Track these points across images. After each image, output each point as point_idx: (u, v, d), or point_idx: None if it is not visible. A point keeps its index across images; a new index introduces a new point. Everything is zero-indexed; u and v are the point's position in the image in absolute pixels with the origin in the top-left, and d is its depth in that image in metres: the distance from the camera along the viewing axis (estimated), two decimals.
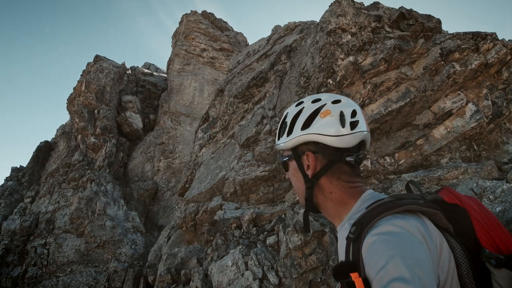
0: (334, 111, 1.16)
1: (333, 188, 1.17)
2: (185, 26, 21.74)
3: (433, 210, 0.98)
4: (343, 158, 1.15)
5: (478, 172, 4.24)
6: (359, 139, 1.15)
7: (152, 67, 25.70)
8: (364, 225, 0.95)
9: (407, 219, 0.91)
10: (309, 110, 1.19)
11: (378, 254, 0.84)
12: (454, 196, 1.07)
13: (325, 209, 1.23)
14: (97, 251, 12.01)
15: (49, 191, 14.40)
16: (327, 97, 1.21)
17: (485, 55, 4.94)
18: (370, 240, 0.89)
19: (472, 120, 4.82)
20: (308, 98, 1.26)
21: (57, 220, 12.92)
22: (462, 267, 0.93)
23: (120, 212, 13.61)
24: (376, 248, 0.86)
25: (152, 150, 17.72)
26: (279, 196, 6.53)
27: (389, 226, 0.90)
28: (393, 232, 0.87)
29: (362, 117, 1.18)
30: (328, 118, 1.15)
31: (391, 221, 0.91)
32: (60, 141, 17.65)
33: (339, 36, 5.99)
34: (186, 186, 10.37)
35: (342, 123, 1.14)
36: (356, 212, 1.11)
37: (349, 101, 1.22)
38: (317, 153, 1.18)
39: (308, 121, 1.18)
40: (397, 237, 0.86)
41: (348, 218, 1.14)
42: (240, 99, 9.26)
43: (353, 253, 0.96)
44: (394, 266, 0.79)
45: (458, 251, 0.95)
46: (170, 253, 8.15)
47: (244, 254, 5.09)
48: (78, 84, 17.80)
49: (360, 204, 1.13)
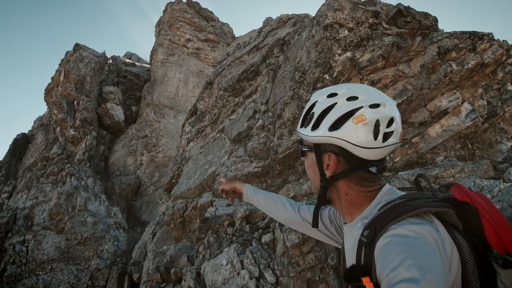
0: (370, 118, 1.07)
1: (350, 191, 1.16)
2: (170, 15, 21.42)
3: (445, 209, 1.00)
4: (367, 167, 1.13)
5: (474, 171, 4.39)
6: (388, 151, 1.11)
7: (134, 57, 25.27)
8: (378, 230, 0.97)
9: (422, 225, 0.93)
10: (343, 109, 1.11)
11: (391, 256, 0.86)
12: (465, 194, 1.08)
13: (337, 205, 1.23)
14: (78, 248, 11.83)
15: (27, 186, 14.05)
16: (365, 98, 1.11)
17: (481, 55, 5.08)
18: (384, 242, 0.91)
19: (467, 119, 4.96)
20: (343, 91, 1.15)
21: (36, 216, 12.63)
22: (468, 265, 0.96)
23: (102, 207, 13.42)
24: (389, 250, 0.88)
25: (135, 143, 17.49)
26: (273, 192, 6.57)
27: (404, 230, 0.91)
28: (407, 236, 0.89)
29: (399, 126, 1.12)
30: (361, 126, 1.07)
31: (406, 226, 0.92)
32: (37, 134, 17.20)
33: (336, 31, 6.03)
34: (173, 181, 10.30)
35: (375, 134, 1.07)
36: (370, 213, 1.11)
37: (389, 105, 1.12)
38: (340, 157, 1.14)
39: (339, 122, 1.10)
40: (411, 241, 0.87)
41: (361, 217, 1.15)
42: (230, 93, 9.23)
43: (365, 257, 0.99)
44: (405, 268, 0.81)
45: (465, 248, 0.98)
46: (157, 251, 8.10)
47: (239, 252, 5.12)
48: (56, 74, 17.35)
49: (375, 205, 1.13)
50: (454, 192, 1.10)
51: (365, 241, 1.00)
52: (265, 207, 1.78)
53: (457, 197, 1.08)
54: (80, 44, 18.43)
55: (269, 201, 1.76)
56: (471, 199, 1.06)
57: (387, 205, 1.04)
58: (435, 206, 0.99)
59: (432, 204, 1.00)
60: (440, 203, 1.01)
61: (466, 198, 1.07)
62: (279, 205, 1.69)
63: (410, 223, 0.93)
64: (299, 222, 1.60)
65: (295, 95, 6.61)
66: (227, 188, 1.97)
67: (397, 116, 1.12)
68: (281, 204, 1.69)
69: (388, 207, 1.02)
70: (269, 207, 1.75)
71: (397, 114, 1.13)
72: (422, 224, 0.93)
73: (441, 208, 0.99)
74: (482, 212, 1.02)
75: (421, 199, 1.02)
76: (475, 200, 1.06)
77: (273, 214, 1.74)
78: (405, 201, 1.02)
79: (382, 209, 1.04)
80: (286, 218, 1.67)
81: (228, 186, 1.97)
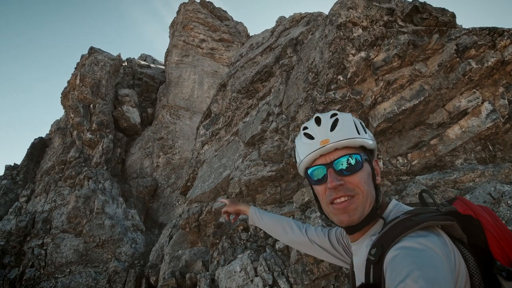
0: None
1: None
2: (183, 15, 21.61)
3: (449, 222, 1.00)
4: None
5: (495, 175, 4.27)
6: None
7: (149, 58, 25.61)
8: (385, 247, 0.97)
9: (430, 237, 0.94)
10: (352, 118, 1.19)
11: (399, 268, 0.86)
12: (468, 207, 1.08)
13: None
14: (96, 251, 12.12)
15: (45, 190, 14.48)
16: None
17: (501, 52, 4.92)
18: (392, 255, 0.92)
19: (488, 119, 4.83)
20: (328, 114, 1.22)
21: (54, 219, 13.02)
22: (475, 278, 0.95)
23: (119, 210, 13.71)
24: (397, 262, 0.88)
25: (151, 145, 17.76)
26: (287, 197, 6.56)
27: (412, 242, 0.92)
28: (415, 248, 0.90)
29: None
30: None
31: (414, 239, 0.93)
32: (55, 138, 17.69)
33: (350, 30, 5.96)
34: (188, 184, 10.42)
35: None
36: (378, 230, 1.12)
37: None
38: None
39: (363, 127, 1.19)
40: (419, 253, 0.88)
41: (369, 234, 1.15)
42: (244, 94, 9.26)
43: (374, 275, 0.99)
44: (413, 280, 0.81)
45: (471, 262, 0.97)
46: (173, 255, 8.23)
47: (253, 259, 5.14)
48: (72, 77, 17.79)
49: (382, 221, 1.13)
50: (457, 206, 1.10)
51: (373, 260, 1.00)
52: (272, 230, 1.78)
53: (460, 210, 1.08)
54: (95, 48, 18.83)
55: (276, 224, 1.76)
56: (474, 212, 1.06)
57: (393, 222, 1.04)
58: (439, 219, 1.00)
59: (437, 218, 1.00)
60: (444, 217, 1.02)
61: (469, 211, 1.07)
62: (286, 227, 1.70)
63: (418, 236, 0.94)
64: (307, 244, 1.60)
65: (308, 97, 6.57)
66: (231, 210, 1.94)
67: None
68: (289, 226, 1.69)
69: (393, 223, 1.03)
70: (276, 230, 1.75)
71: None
72: (430, 237, 0.94)
73: (445, 221, 1.00)
74: (486, 224, 1.02)
75: (425, 214, 1.03)
76: (478, 213, 1.06)
77: (280, 236, 1.74)
78: (409, 216, 1.03)
79: (387, 226, 1.04)
80: (293, 241, 1.67)
81: (232, 209, 1.94)
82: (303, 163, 1.21)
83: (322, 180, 1.16)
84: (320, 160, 1.16)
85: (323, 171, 1.15)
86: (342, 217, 1.11)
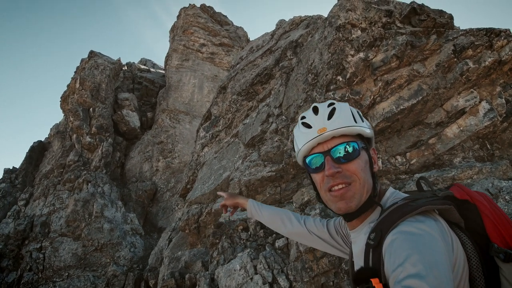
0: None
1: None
2: (183, 20, 21.81)
3: (447, 206, 1.04)
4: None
5: (492, 172, 4.34)
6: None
7: (149, 63, 25.78)
8: (384, 231, 1.00)
9: (427, 222, 0.97)
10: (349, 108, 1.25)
11: (397, 252, 0.89)
12: (465, 192, 1.12)
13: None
14: (95, 255, 12.12)
15: (44, 193, 14.51)
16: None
17: (498, 52, 5.02)
18: (391, 239, 0.95)
19: (485, 118, 4.91)
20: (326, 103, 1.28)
21: (53, 223, 13.04)
22: (472, 262, 0.99)
23: (118, 214, 13.73)
24: (396, 246, 0.91)
25: (151, 149, 17.83)
26: (287, 197, 6.62)
27: (410, 227, 0.95)
28: (413, 233, 0.93)
29: None
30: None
31: (412, 224, 0.96)
32: (54, 141, 17.76)
33: (349, 32, 6.07)
34: (188, 187, 10.48)
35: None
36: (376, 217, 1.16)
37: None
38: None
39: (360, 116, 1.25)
40: (417, 237, 0.91)
41: (368, 221, 1.20)
42: (244, 97, 9.35)
43: (373, 259, 1.03)
44: (411, 263, 0.84)
45: (468, 246, 1.01)
46: (172, 257, 8.26)
47: (252, 257, 5.19)
48: (72, 81, 17.90)
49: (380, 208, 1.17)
50: (454, 191, 1.14)
51: (372, 244, 1.03)
52: (270, 223, 1.81)
53: (457, 195, 1.12)
54: (95, 51, 18.98)
55: (275, 216, 1.79)
56: (470, 197, 1.10)
57: (391, 207, 1.07)
58: (437, 203, 1.03)
59: (434, 202, 1.03)
60: (441, 201, 1.05)
61: (465, 196, 1.11)
62: (285, 219, 1.73)
63: (416, 221, 0.97)
64: (306, 236, 1.64)
65: (308, 97, 6.66)
66: (229, 203, 1.96)
67: None
68: (287, 218, 1.73)
69: (392, 209, 1.06)
70: (275, 223, 1.78)
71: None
72: (428, 221, 0.97)
73: (442, 205, 1.03)
74: (482, 208, 1.06)
75: (423, 199, 1.06)
76: (475, 197, 1.10)
77: (279, 229, 1.77)
78: (407, 202, 1.06)
79: (386, 212, 1.07)
80: (292, 232, 1.70)
81: (230, 202, 1.97)
82: (301, 152, 1.24)
83: (319, 168, 1.20)
84: (318, 149, 1.20)
85: (320, 159, 1.19)
86: (340, 204, 1.15)
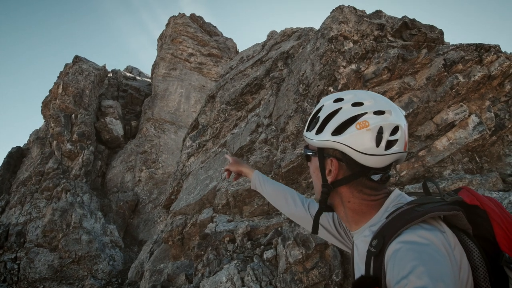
0: (373, 124, 1.09)
1: (353, 198, 1.18)
2: (172, 28, 21.90)
3: (455, 212, 0.99)
4: (369, 175, 1.13)
5: (483, 184, 4.44)
6: (391, 160, 1.11)
7: (135, 71, 25.69)
8: (386, 238, 0.97)
9: (433, 231, 0.94)
10: (346, 114, 1.13)
11: (402, 263, 0.87)
12: (475, 197, 1.07)
13: (341, 213, 1.24)
14: (72, 267, 11.79)
15: (20, 201, 14.13)
16: (370, 104, 1.13)
17: (488, 67, 5.20)
18: (394, 248, 0.92)
19: (475, 132, 5.04)
20: (350, 96, 1.18)
21: (29, 232, 12.67)
22: (479, 271, 0.96)
23: (97, 225, 13.44)
24: (400, 257, 0.89)
25: (133, 159, 17.61)
26: (275, 208, 6.61)
27: (414, 236, 0.92)
28: (418, 242, 0.90)
29: (404, 135, 1.11)
30: (364, 132, 1.09)
31: (417, 232, 0.93)
32: (33, 147, 17.38)
33: (341, 43, 6.20)
34: (172, 197, 10.36)
35: (377, 141, 1.08)
36: (379, 221, 1.12)
37: (395, 113, 1.13)
38: (342, 162, 1.15)
39: (342, 127, 1.12)
40: (422, 248, 0.88)
41: (369, 225, 1.16)
42: (233, 106, 9.38)
43: (374, 267, 1.00)
44: (416, 276, 0.81)
45: (475, 254, 0.98)
46: (154, 270, 8.09)
47: (240, 269, 5.13)
48: (54, 86, 17.66)
49: (383, 212, 1.13)
50: (463, 196, 1.10)
51: (373, 251, 1.01)
52: (273, 199, 1.76)
53: (466, 200, 1.08)
54: (80, 57, 18.84)
55: (278, 193, 1.74)
56: (481, 203, 1.06)
57: (395, 212, 1.04)
58: (444, 209, 1.00)
59: (441, 208, 1.00)
60: (449, 206, 1.02)
61: (475, 202, 1.07)
62: (289, 199, 1.68)
63: (421, 229, 0.94)
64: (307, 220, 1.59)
65: (299, 108, 6.73)
66: (234, 169, 1.94)
67: (403, 125, 1.12)
68: (291, 198, 1.67)
69: (395, 214, 1.03)
70: (278, 200, 1.73)
71: (403, 123, 1.13)
72: (433, 230, 0.94)
73: (450, 211, 1.00)
74: (493, 215, 1.02)
75: (430, 204, 1.03)
76: (485, 203, 1.06)
77: (281, 207, 1.72)
78: (412, 207, 1.03)
79: (389, 217, 1.04)
80: (294, 214, 1.66)
81: (234, 168, 1.94)
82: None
83: None
84: None
85: None
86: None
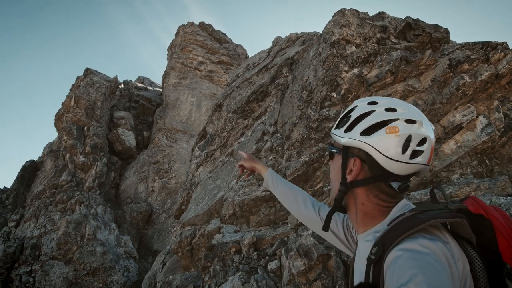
0: (402, 131, 1.12)
1: (367, 201, 1.20)
2: (182, 38, 22.16)
3: (458, 220, 1.00)
4: (388, 181, 1.16)
5: (491, 188, 4.30)
6: (413, 170, 1.14)
7: (146, 81, 26.07)
8: (386, 246, 0.98)
9: (434, 241, 0.94)
10: (378, 117, 1.17)
11: (401, 270, 0.87)
12: (480, 206, 1.07)
13: (352, 214, 1.27)
14: (86, 279, 11.95)
15: (35, 215, 14.44)
16: (403, 112, 1.16)
17: (495, 66, 5.05)
18: (394, 255, 0.93)
19: (483, 133, 4.89)
20: (384, 102, 1.21)
21: (44, 245, 12.92)
22: (480, 281, 0.96)
23: (112, 236, 13.60)
24: (399, 264, 0.89)
25: (146, 169, 17.80)
26: (281, 217, 6.56)
27: (415, 244, 0.92)
28: (419, 251, 0.90)
29: (430, 148, 1.14)
30: (392, 137, 1.12)
31: (418, 240, 0.94)
32: (47, 160, 17.79)
33: (343, 48, 6.14)
34: (182, 208, 10.40)
35: (404, 148, 1.10)
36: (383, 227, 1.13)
37: (426, 125, 1.16)
38: (365, 164, 1.18)
39: (372, 128, 1.16)
40: (423, 257, 0.89)
41: (374, 230, 1.18)
42: (240, 115, 9.39)
43: (373, 275, 1.00)
44: (415, 285, 0.82)
45: (477, 264, 0.98)
46: (164, 281, 8.12)
47: (244, 281, 5.10)
48: (67, 99, 18.06)
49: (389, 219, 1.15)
50: (469, 204, 1.10)
51: (373, 259, 1.01)
52: (284, 199, 1.79)
53: (471, 209, 1.07)
54: (90, 69, 19.23)
55: (290, 194, 1.76)
56: (486, 212, 1.06)
57: (397, 219, 1.05)
58: (446, 217, 1.00)
59: (443, 215, 1.00)
60: (452, 214, 1.02)
61: (480, 211, 1.06)
62: (299, 200, 1.70)
63: (422, 238, 0.94)
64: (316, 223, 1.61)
65: (303, 115, 6.68)
66: (247, 166, 1.98)
67: (431, 138, 1.15)
68: (302, 199, 1.70)
69: (397, 221, 1.04)
70: (289, 200, 1.76)
71: (432, 136, 1.15)
72: (435, 241, 0.94)
73: (452, 218, 1.00)
74: (497, 225, 1.02)
75: (432, 211, 1.03)
76: (490, 212, 1.06)
77: (291, 207, 1.74)
78: (414, 214, 1.03)
79: (391, 224, 1.05)
80: (303, 216, 1.68)
81: (248, 164, 1.98)
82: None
83: None
84: None
85: None
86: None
